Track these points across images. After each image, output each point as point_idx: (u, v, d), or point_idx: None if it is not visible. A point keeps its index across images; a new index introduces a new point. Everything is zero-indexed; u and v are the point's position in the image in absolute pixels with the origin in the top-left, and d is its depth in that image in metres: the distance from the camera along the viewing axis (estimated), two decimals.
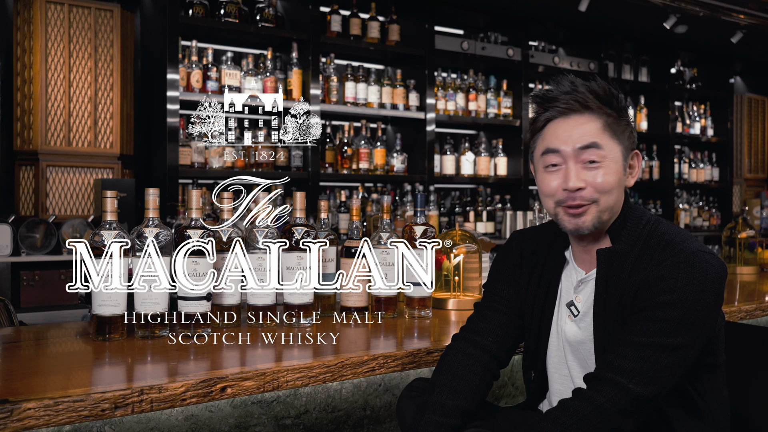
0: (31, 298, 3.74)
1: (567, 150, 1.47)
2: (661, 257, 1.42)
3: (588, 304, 1.53)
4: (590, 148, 1.45)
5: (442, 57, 4.97)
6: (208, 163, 4.17)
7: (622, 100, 1.50)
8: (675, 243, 1.43)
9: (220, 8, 4.19)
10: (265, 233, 1.92)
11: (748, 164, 7.09)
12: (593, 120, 1.47)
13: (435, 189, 4.89)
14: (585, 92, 1.47)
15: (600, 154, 1.45)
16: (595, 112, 1.47)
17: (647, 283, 1.41)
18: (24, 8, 3.99)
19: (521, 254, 1.67)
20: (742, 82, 7.45)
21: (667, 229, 1.48)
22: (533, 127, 1.56)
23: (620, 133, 1.49)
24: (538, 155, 1.54)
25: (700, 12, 5.04)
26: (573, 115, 1.48)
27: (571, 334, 1.55)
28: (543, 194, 1.53)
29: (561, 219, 1.51)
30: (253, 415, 1.80)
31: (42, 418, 1.22)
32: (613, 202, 1.48)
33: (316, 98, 4.39)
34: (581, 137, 1.46)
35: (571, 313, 1.56)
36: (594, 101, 1.47)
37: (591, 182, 1.46)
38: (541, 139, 1.53)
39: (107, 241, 1.72)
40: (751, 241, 3.63)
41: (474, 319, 1.66)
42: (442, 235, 2.44)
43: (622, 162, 1.49)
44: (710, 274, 1.38)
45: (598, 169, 1.46)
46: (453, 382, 1.53)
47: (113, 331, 1.74)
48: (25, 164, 4.00)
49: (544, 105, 1.52)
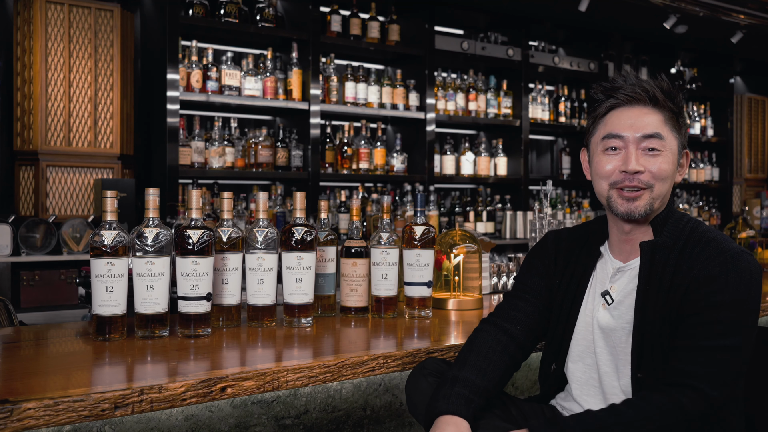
0: (31, 298, 3.74)
1: (630, 136, 1.53)
2: (704, 254, 1.48)
3: (624, 293, 1.57)
4: (653, 137, 1.52)
5: (442, 57, 4.97)
6: (208, 163, 4.16)
7: (681, 100, 1.57)
8: (718, 241, 1.50)
9: (220, 8, 4.19)
10: (264, 233, 1.92)
11: (748, 164, 7.09)
12: (656, 112, 1.54)
13: (435, 189, 4.89)
14: (652, 85, 1.55)
15: (661, 144, 1.52)
16: (659, 105, 1.54)
17: (698, 282, 1.45)
18: (24, 8, 3.99)
19: (556, 249, 1.73)
20: (742, 82, 7.45)
21: (708, 228, 1.56)
22: (594, 114, 1.62)
23: (678, 129, 1.56)
24: (598, 139, 1.59)
25: (700, 12, 5.04)
26: (637, 105, 1.55)
27: (604, 322, 1.59)
28: (598, 176, 1.58)
29: (614, 202, 1.56)
30: (253, 415, 1.80)
31: (42, 418, 1.22)
32: (666, 191, 1.55)
33: (316, 98, 4.39)
34: (646, 126, 1.53)
35: (605, 302, 1.60)
36: (660, 94, 1.54)
37: (649, 168, 1.52)
38: (602, 125, 1.59)
39: (107, 241, 1.72)
40: (751, 241, 3.63)
41: (503, 307, 1.71)
42: (442, 235, 2.44)
43: (678, 156, 1.56)
44: (754, 274, 1.46)
45: (657, 157, 1.52)
46: (483, 363, 1.57)
47: (113, 331, 1.74)
48: (25, 164, 4.00)
49: (609, 92, 1.58)
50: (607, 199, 1.57)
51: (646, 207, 1.53)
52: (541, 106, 5.50)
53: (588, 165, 1.66)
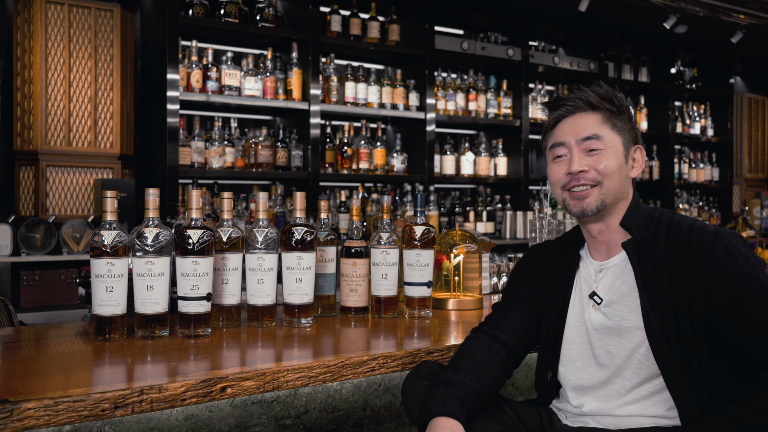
0: (31, 298, 3.74)
1: (571, 141, 1.62)
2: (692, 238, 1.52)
3: (612, 292, 1.60)
4: (591, 138, 1.61)
5: (442, 57, 4.97)
6: (208, 163, 4.16)
7: (621, 99, 1.66)
8: (698, 225, 1.55)
9: (220, 8, 4.19)
10: (264, 233, 1.92)
11: (748, 164, 7.09)
12: (594, 115, 1.63)
13: (435, 189, 4.89)
14: (587, 92, 1.65)
15: (601, 143, 1.60)
16: (596, 108, 1.63)
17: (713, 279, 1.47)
18: (24, 8, 3.99)
19: (541, 260, 1.78)
20: (742, 82, 7.45)
21: (684, 217, 1.61)
22: (545, 128, 1.73)
23: (620, 127, 1.63)
24: (548, 151, 1.70)
25: (700, 12, 5.04)
26: (578, 113, 1.64)
27: (598, 322, 1.61)
28: (551, 183, 1.68)
29: (568, 203, 1.64)
30: (253, 415, 1.80)
31: (42, 418, 1.22)
32: (617, 187, 1.60)
33: (316, 98, 4.39)
34: (583, 130, 1.62)
35: (594, 303, 1.62)
36: (595, 97, 1.63)
37: (593, 166, 1.60)
38: (550, 137, 1.69)
39: (107, 241, 1.72)
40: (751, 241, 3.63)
41: (493, 317, 1.74)
42: (442, 235, 2.44)
43: (623, 152, 1.62)
44: (740, 237, 1.53)
45: (599, 155, 1.60)
46: (477, 368, 1.61)
47: (113, 331, 1.74)
48: (25, 164, 4.00)
49: (552, 107, 1.70)
50: (563, 202, 1.65)
51: (597, 203, 1.59)
52: (540, 107, 5.50)
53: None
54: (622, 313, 1.57)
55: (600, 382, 1.60)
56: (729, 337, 1.47)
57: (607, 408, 1.58)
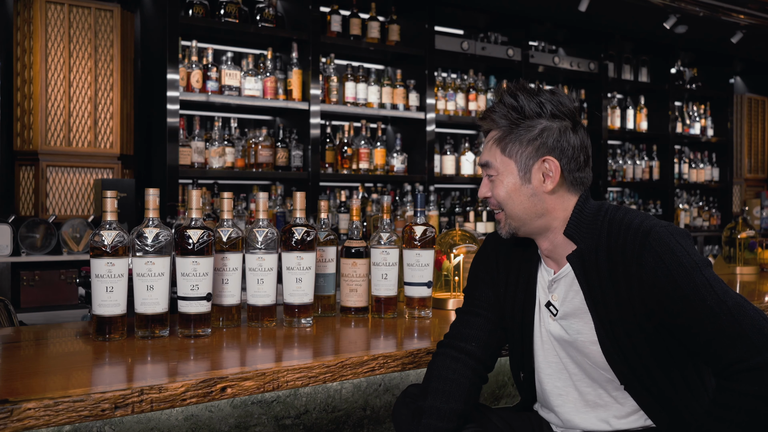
0: (31, 298, 3.74)
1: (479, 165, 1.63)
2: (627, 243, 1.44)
3: (567, 304, 1.54)
4: (486, 166, 1.59)
5: (442, 57, 4.97)
6: (208, 163, 4.16)
7: (523, 108, 1.52)
8: (633, 225, 1.45)
9: (220, 8, 4.19)
10: (264, 233, 1.92)
11: (748, 164, 7.09)
12: (493, 135, 1.57)
13: (435, 189, 4.89)
14: (493, 107, 1.57)
15: (493, 170, 1.56)
16: (497, 125, 1.56)
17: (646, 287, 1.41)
18: (24, 8, 3.99)
19: (497, 256, 1.70)
20: (742, 82, 7.45)
21: (623, 214, 1.50)
22: None
23: (513, 150, 1.53)
24: None
25: (700, 12, 5.04)
26: (491, 131, 1.59)
27: (557, 333, 1.56)
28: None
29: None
30: (253, 415, 1.80)
31: (42, 418, 1.22)
32: (521, 211, 1.54)
33: (316, 98, 4.39)
34: (482, 156, 1.60)
35: (551, 313, 1.57)
36: (491, 113, 1.56)
37: (486, 194, 1.59)
38: None
39: (107, 241, 1.72)
40: (751, 241, 3.63)
41: (456, 325, 1.68)
42: (442, 235, 2.44)
43: (518, 174, 1.53)
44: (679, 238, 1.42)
45: (494, 182, 1.57)
46: (445, 386, 1.56)
47: (113, 331, 1.74)
48: (25, 164, 4.00)
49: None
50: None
51: (507, 227, 1.58)
52: None
53: None
54: (576, 326, 1.52)
55: (577, 387, 1.57)
56: (685, 340, 1.42)
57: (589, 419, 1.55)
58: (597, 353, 1.49)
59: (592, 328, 1.49)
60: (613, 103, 6.03)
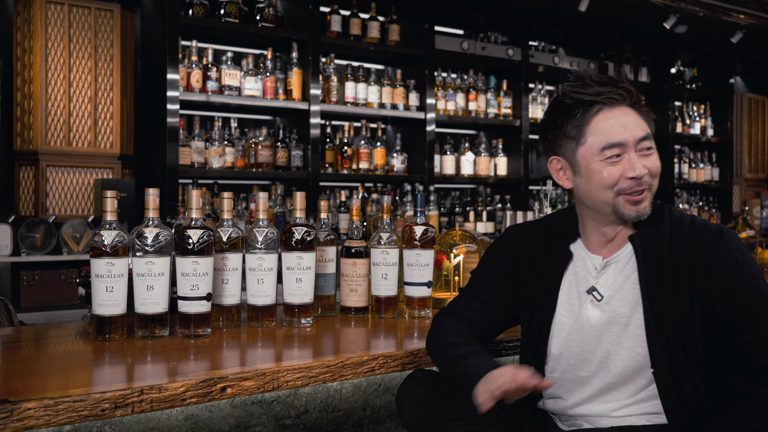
0: (31, 298, 3.74)
1: (629, 141, 1.51)
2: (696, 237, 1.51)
3: (612, 288, 1.56)
4: (646, 138, 1.53)
5: (442, 57, 4.97)
6: (208, 163, 4.16)
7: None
8: (699, 221, 1.55)
9: (220, 8, 4.19)
10: (264, 233, 1.92)
11: (748, 164, 7.09)
12: (634, 110, 1.54)
13: (435, 189, 4.89)
14: (626, 83, 1.54)
15: (652, 142, 1.54)
16: (635, 103, 1.55)
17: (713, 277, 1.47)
18: (24, 8, 3.99)
19: (518, 249, 1.69)
20: (742, 82, 7.45)
21: (680, 212, 1.59)
22: (574, 121, 1.54)
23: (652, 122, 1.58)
24: (593, 150, 1.53)
25: (700, 12, 5.04)
26: (619, 106, 1.53)
27: (595, 319, 1.56)
28: (601, 186, 1.52)
29: (622, 208, 1.52)
30: (253, 415, 1.80)
31: (42, 418, 1.22)
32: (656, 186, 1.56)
33: (316, 98, 4.39)
34: (638, 128, 1.52)
35: (594, 298, 1.57)
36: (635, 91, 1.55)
37: (649, 167, 1.52)
38: (592, 134, 1.53)
39: (107, 241, 1.72)
40: (751, 241, 3.63)
41: (458, 303, 1.70)
42: (442, 235, 2.44)
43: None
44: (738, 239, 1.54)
45: (652, 156, 1.53)
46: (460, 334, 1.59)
47: (113, 331, 1.74)
48: (25, 164, 4.00)
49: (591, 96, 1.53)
50: (613, 206, 1.53)
51: (648, 205, 1.53)
52: (541, 106, 5.50)
53: (566, 174, 1.61)
54: (621, 309, 1.54)
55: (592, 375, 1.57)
56: (724, 335, 1.47)
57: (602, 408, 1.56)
58: (637, 336, 1.52)
59: (638, 311, 1.52)
60: None
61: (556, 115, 1.58)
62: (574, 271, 1.63)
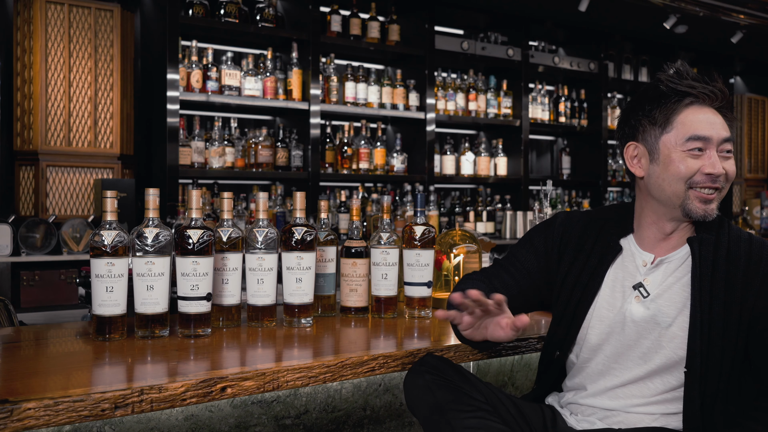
0: (31, 298, 3.74)
1: (714, 138, 1.52)
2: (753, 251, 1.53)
3: (661, 287, 1.56)
4: (729, 141, 1.54)
5: (442, 57, 4.97)
6: (208, 163, 4.16)
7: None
8: (756, 238, 1.57)
9: (220, 8, 4.19)
10: (264, 233, 1.92)
11: (748, 164, 7.09)
12: (720, 114, 1.55)
13: (435, 189, 4.89)
14: (721, 87, 1.55)
15: (732, 145, 1.55)
16: (722, 108, 1.56)
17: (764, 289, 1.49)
18: (24, 8, 3.99)
19: (565, 236, 1.70)
20: (742, 82, 7.45)
21: (737, 227, 1.60)
22: (666, 109, 1.56)
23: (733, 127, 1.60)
24: (677, 139, 1.54)
25: (700, 12, 5.04)
26: (708, 105, 1.55)
27: (639, 315, 1.57)
28: (676, 176, 1.53)
29: (690, 203, 1.53)
30: (253, 415, 1.80)
31: (42, 418, 1.22)
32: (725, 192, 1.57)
33: (316, 98, 4.39)
34: (723, 128, 1.54)
35: (640, 294, 1.58)
36: (727, 96, 1.56)
37: (727, 170, 1.53)
38: (681, 124, 1.54)
39: (107, 241, 1.72)
40: None
41: (488, 272, 1.72)
42: (442, 235, 2.44)
43: None
44: None
45: (730, 160, 1.55)
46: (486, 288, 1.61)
47: (113, 331, 1.74)
48: (25, 164, 4.00)
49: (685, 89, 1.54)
50: (683, 199, 1.53)
51: (716, 209, 1.54)
52: (541, 106, 5.50)
53: (641, 162, 1.60)
54: (667, 309, 1.54)
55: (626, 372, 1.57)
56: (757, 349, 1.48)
57: (621, 403, 1.57)
58: (678, 337, 1.52)
59: (684, 313, 1.53)
60: (613, 103, 6.03)
61: (644, 101, 1.59)
62: (622, 265, 1.63)
